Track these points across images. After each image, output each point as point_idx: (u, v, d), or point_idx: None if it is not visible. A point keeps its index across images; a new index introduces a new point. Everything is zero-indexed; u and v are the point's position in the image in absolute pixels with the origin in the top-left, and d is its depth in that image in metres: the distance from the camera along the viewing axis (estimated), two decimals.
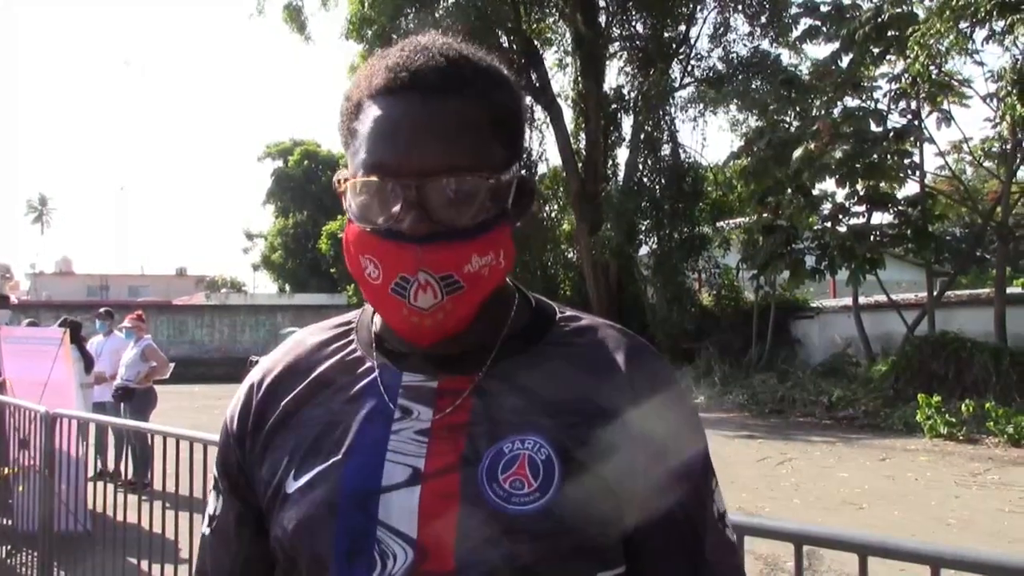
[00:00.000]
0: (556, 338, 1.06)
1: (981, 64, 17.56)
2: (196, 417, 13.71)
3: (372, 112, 0.97)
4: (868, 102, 18.54)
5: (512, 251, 1.01)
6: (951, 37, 14.87)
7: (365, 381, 1.04)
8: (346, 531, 0.95)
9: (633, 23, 24.92)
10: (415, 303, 0.95)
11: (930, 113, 17.68)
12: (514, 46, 23.95)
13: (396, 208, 0.94)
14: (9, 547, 6.43)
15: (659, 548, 0.99)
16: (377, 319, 1.10)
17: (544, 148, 26.37)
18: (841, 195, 18.86)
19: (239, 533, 1.11)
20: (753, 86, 21.61)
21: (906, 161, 18.14)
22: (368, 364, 1.06)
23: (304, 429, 1.03)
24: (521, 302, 1.10)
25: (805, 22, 20.19)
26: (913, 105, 18.02)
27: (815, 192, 19.12)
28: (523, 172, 1.03)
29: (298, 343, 1.14)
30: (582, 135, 25.14)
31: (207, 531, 1.15)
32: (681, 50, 24.48)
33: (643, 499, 0.97)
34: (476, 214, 0.95)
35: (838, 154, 17.11)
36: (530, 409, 0.98)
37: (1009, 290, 17.38)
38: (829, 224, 19.25)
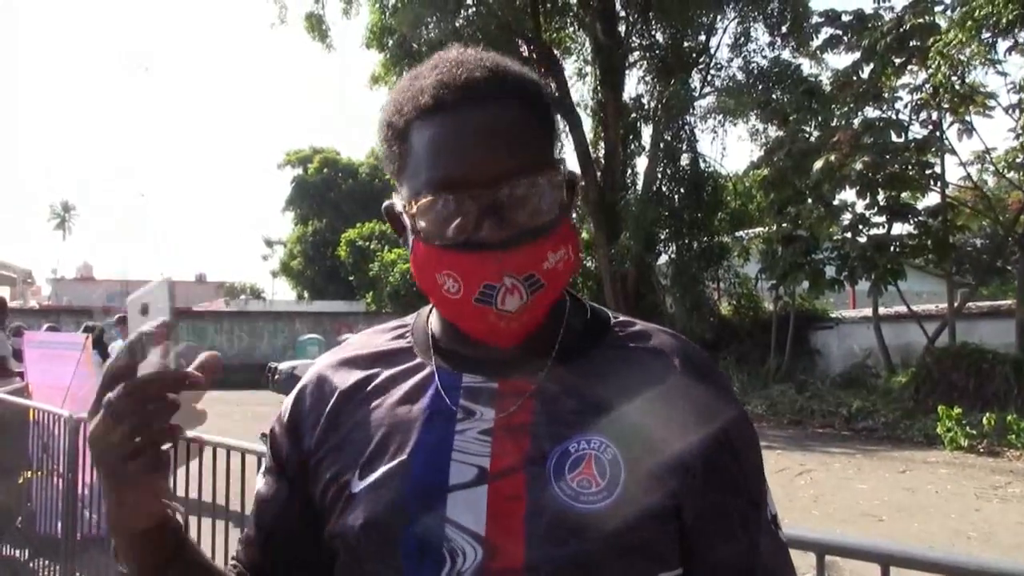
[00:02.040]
0: (612, 342, 1.09)
1: (1004, 75, 17.36)
2: (215, 422, 13.69)
3: (426, 131, 1.00)
4: (889, 112, 18.46)
5: (578, 243, 1.05)
6: (973, 47, 14.80)
7: (425, 383, 1.07)
8: (416, 529, 0.97)
9: (653, 32, 24.87)
10: (503, 307, 0.97)
11: (951, 124, 17.58)
12: (534, 55, 23.96)
13: (473, 219, 0.96)
14: (30, 551, 6.47)
15: (715, 547, 1.01)
16: (433, 321, 1.13)
17: (563, 157, 26.32)
18: (861, 205, 18.77)
19: (288, 512, 1.12)
20: (774, 96, 21.55)
21: (927, 172, 18.05)
22: (427, 367, 1.08)
23: (369, 429, 1.05)
24: (574, 307, 1.13)
25: (826, 32, 20.12)
26: (935, 116, 17.92)
27: (835, 202, 19.04)
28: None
29: (359, 345, 1.17)
30: (601, 144, 25.10)
31: (253, 514, 1.17)
32: (701, 60, 24.40)
33: (700, 500, 1.00)
34: (546, 212, 0.99)
35: (859, 165, 17.04)
36: (590, 410, 1.01)
37: None
38: (849, 234, 19.14)
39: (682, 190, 23.07)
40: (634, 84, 25.20)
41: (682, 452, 0.99)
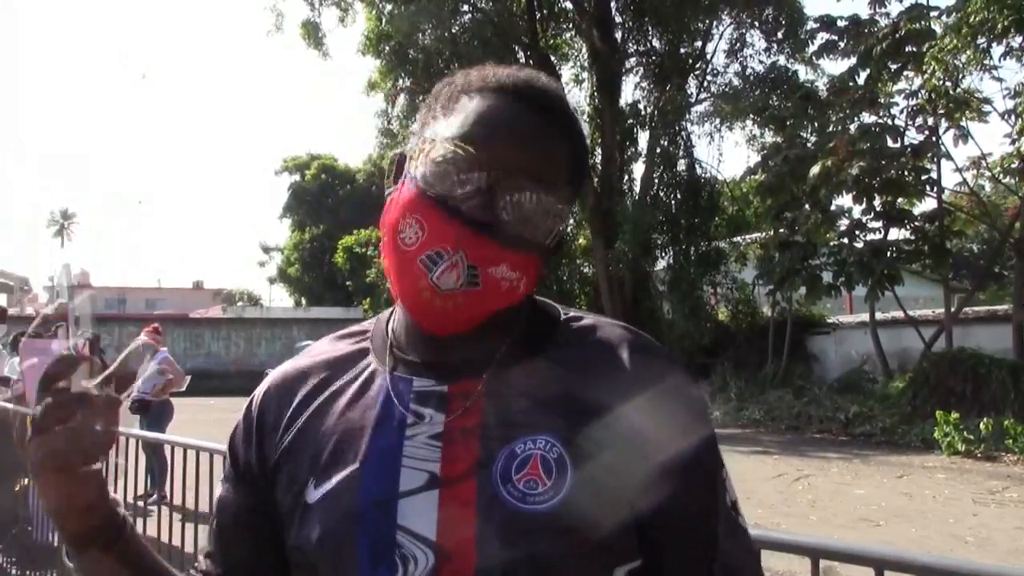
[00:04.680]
0: (561, 339, 1.07)
1: (1000, 80, 17.53)
2: (212, 429, 13.73)
3: (483, 99, 1.02)
4: (885, 118, 18.50)
5: (532, 284, 1.04)
6: (968, 52, 14.85)
7: (378, 388, 1.06)
8: (368, 538, 0.97)
9: (649, 39, 24.95)
10: (437, 280, 0.96)
11: (947, 129, 17.63)
12: (530, 61, 23.98)
13: (470, 188, 0.97)
14: (25, 560, 6.46)
15: (673, 539, 1.00)
16: (392, 325, 1.12)
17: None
18: (858, 211, 18.83)
19: (249, 520, 1.12)
20: (770, 102, 21.60)
21: (923, 177, 18.09)
22: (381, 372, 1.08)
23: (323, 437, 1.05)
24: (523, 305, 1.11)
25: (821, 37, 20.19)
26: (930, 121, 17.98)
27: (832, 208, 19.09)
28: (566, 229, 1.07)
29: (316, 352, 1.16)
30: (598, 150, 25.13)
31: (214, 521, 1.17)
32: (697, 65, 24.47)
33: (654, 492, 0.98)
34: (528, 228, 0.99)
35: (855, 170, 17.08)
36: (539, 409, 1.00)
37: None
38: (846, 240, 19.19)
39: (679, 195, 23.13)
40: (631, 90, 25.17)
41: (632, 446, 0.98)
